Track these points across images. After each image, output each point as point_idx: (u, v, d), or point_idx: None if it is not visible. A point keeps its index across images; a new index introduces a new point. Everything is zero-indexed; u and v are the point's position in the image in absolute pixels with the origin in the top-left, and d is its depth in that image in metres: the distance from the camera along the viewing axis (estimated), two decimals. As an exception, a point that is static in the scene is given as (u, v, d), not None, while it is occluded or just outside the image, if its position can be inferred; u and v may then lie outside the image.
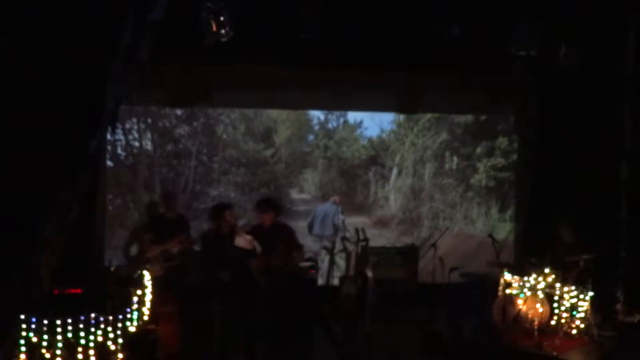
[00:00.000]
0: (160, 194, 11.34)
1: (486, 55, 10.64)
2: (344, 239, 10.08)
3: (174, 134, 14.19)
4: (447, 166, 14.87)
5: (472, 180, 14.77)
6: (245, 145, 14.79)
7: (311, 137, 15.29)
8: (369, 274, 10.23)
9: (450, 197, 14.91)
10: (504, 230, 14.37)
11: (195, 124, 14.32)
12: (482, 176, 14.76)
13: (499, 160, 14.70)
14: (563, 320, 9.53)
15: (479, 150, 14.78)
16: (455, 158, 14.85)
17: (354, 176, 15.14)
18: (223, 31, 8.75)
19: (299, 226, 14.34)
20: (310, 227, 14.25)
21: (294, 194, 15.04)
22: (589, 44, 10.02)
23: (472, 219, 14.88)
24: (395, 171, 15.06)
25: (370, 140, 15.31)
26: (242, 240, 8.64)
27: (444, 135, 14.92)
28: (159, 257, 9.61)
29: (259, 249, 8.85)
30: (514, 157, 14.17)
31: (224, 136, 14.61)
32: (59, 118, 9.42)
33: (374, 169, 15.14)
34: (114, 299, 8.12)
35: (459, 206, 14.91)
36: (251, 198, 14.36)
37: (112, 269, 9.07)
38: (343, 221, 14.12)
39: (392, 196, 15.13)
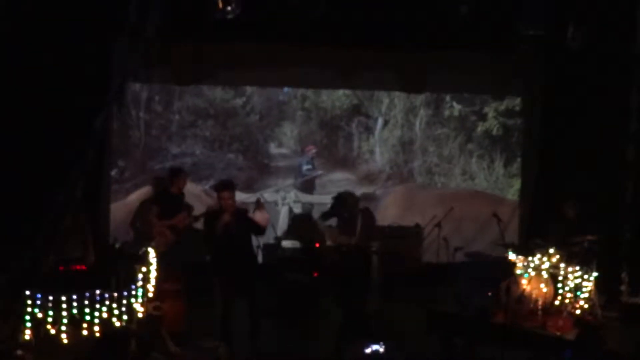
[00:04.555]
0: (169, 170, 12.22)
1: (493, 34, 11.85)
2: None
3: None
4: (446, 113, 15.52)
5: (479, 129, 15.28)
6: (210, 93, 15.05)
7: (287, 85, 15.56)
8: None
9: (447, 149, 15.48)
10: (511, 188, 15.11)
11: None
12: (493, 122, 15.27)
13: (509, 103, 15.22)
14: (567, 301, 10.63)
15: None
16: (455, 104, 15.49)
17: (336, 128, 15.71)
18: (229, 8, 9.69)
19: (279, 183, 15.29)
20: (295, 182, 15.26)
21: (273, 149, 15.53)
22: (596, 23, 11.04)
23: (471, 175, 15.52)
24: (380, 122, 15.76)
25: (352, 87, 15.66)
26: (259, 215, 9.88)
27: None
28: (165, 232, 10.93)
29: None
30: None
31: (183, 81, 14.65)
32: (64, 96, 10.49)
33: (357, 120, 15.77)
34: (119, 275, 9.26)
35: (457, 160, 15.51)
36: (221, 154, 15.01)
37: (116, 245, 10.33)
38: (308, 170, 15.15)
39: (378, 149, 15.72)
